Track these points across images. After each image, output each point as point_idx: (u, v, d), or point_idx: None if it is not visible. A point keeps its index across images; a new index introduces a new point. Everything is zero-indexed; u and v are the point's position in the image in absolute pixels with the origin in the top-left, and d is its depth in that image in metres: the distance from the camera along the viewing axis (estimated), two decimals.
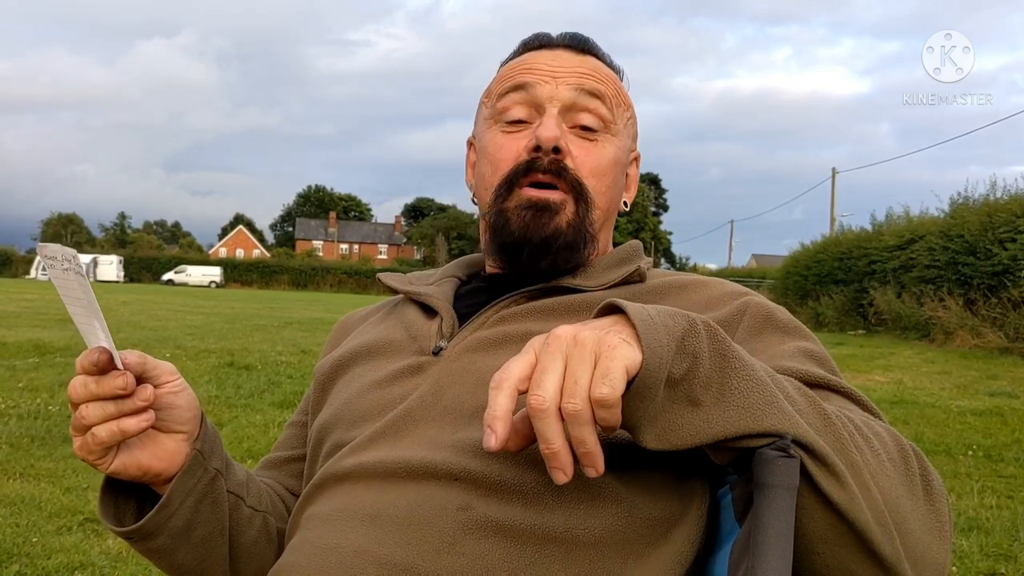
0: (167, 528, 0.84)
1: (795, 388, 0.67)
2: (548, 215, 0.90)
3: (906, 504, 0.68)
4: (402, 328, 0.96)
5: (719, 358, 0.63)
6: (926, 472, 0.71)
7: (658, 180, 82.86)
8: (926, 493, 0.70)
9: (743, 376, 0.63)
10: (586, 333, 0.61)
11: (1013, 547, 3.31)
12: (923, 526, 0.68)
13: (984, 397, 7.47)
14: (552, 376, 0.59)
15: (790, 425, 0.62)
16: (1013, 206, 13.42)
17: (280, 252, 77.22)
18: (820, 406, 0.67)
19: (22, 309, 15.06)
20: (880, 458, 0.67)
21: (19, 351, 8.27)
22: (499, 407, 0.60)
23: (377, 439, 0.84)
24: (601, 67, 0.97)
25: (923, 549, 0.68)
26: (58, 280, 0.75)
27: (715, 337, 0.64)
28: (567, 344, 0.60)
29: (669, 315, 0.64)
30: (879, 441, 0.69)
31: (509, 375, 0.61)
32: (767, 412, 0.62)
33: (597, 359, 0.59)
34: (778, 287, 24.19)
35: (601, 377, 0.58)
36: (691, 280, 0.94)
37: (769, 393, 0.63)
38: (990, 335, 12.25)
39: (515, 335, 0.87)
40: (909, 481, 0.69)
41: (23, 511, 3.41)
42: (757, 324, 0.85)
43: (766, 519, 0.65)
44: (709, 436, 0.62)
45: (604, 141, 0.94)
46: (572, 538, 0.74)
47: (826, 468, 0.63)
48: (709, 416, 0.62)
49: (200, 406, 0.85)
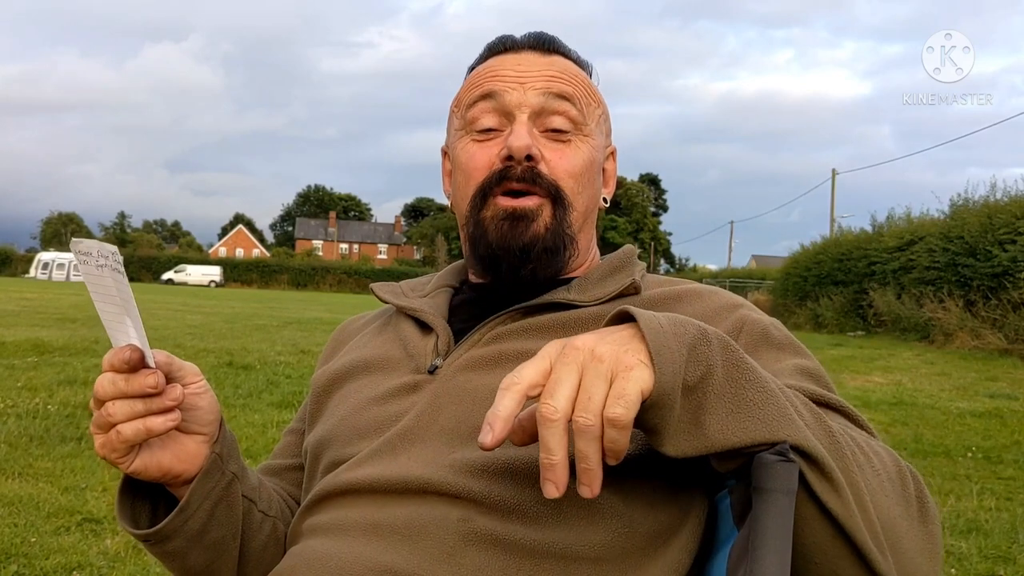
0: (184, 531, 0.84)
1: (803, 403, 0.68)
2: (525, 223, 0.90)
3: (902, 525, 0.69)
4: (399, 344, 0.96)
5: (732, 368, 0.64)
6: (922, 495, 0.72)
7: (658, 181, 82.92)
8: (921, 515, 0.71)
9: (757, 387, 0.64)
10: (604, 348, 0.61)
11: (1012, 549, 3.30)
12: (917, 547, 0.69)
13: (984, 399, 7.46)
14: (566, 388, 0.59)
15: (802, 437, 0.63)
16: (1013, 208, 13.43)
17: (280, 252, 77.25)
18: (826, 423, 0.67)
19: (21, 308, 15.06)
20: (880, 478, 0.68)
21: (18, 350, 8.26)
22: (504, 408, 0.60)
23: (375, 457, 0.84)
24: (569, 66, 0.96)
25: (915, 569, 0.69)
26: (91, 277, 0.74)
27: (727, 348, 0.65)
28: (584, 357, 0.60)
29: (680, 324, 0.64)
30: (879, 461, 0.70)
31: (521, 379, 0.61)
32: (781, 423, 0.63)
33: (613, 378, 0.59)
34: (778, 288, 24.19)
35: (616, 397, 0.59)
36: (685, 291, 0.93)
37: (781, 405, 0.64)
38: (990, 336, 12.25)
39: (510, 353, 0.87)
40: (906, 502, 0.70)
41: (21, 511, 3.40)
42: (754, 341, 0.86)
43: (765, 523, 0.65)
44: (725, 444, 0.63)
45: (577, 142, 0.93)
46: (571, 553, 0.75)
47: (825, 478, 0.64)
48: (725, 425, 0.62)
49: (221, 409, 0.85)
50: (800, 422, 0.64)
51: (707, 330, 0.65)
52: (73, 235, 24.25)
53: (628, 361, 0.60)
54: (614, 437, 0.59)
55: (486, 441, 0.60)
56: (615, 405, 0.58)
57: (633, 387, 0.59)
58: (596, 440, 0.59)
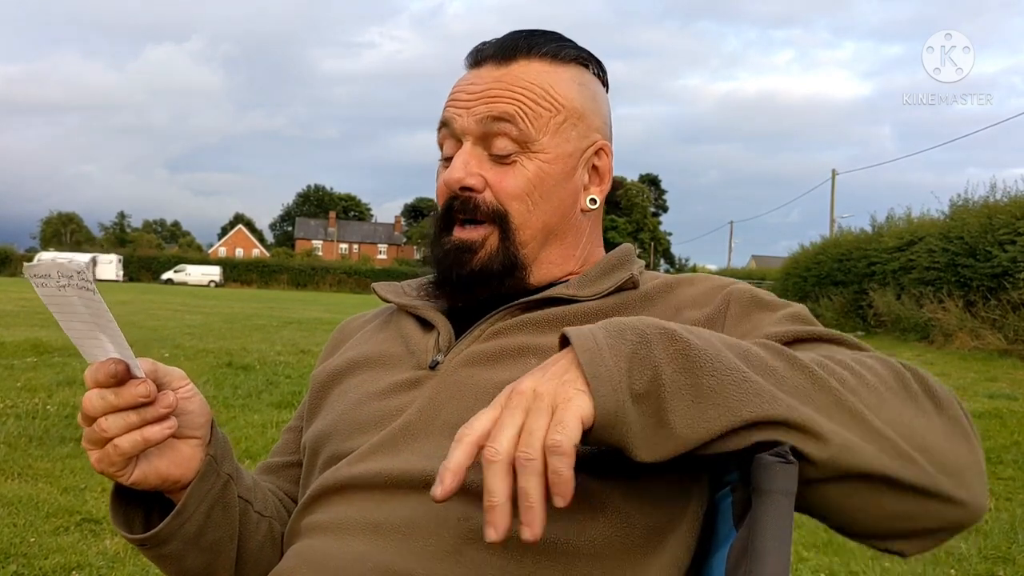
0: (180, 534, 0.84)
1: (773, 354, 0.68)
2: (469, 255, 0.93)
3: (919, 424, 0.68)
4: (400, 340, 0.97)
5: (682, 359, 0.64)
6: (927, 386, 0.71)
7: (658, 181, 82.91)
8: (935, 406, 0.70)
9: (711, 371, 0.64)
10: (544, 385, 0.64)
11: (1012, 550, 3.30)
12: (945, 437, 0.69)
13: (983, 399, 7.46)
14: (510, 430, 0.62)
15: (769, 408, 0.63)
16: (1013, 208, 13.42)
17: (280, 252, 77.23)
18: (801, 363, 0.67)
19: (20, 308, 15.05)
20: (878, 391, 0.68)
21: (17, 350, 8.26)
22: (454, 460, 0.63)
23: (376, 451, 0.84)
24: (520, 77, 0.92)
25: (954, 457, 0.69)
26: (52, 298, 0.71)
27: (672, 340, 0.65)
28: (528, 399, 0.63)
29: (618, 334, 0.66)
30: (873, 374, 0.69)
31: (472, 431, 0.64)
32: (743, 402, 0.63)
33: (554, 410, 0.62)
34: (777, 288, 24.19)
35: (555, 425, 0.61)
36: (678, 280, 0.94)
37: (741, 378, 0.64)
38: (989, 337, 12.25)
39: (510, 348, 0.87)
40: (914, 401, 0.69)
41: (20, 511, 3.40)
42: (744, 308, 0.86)
43: (765, 524, 0.65)
44: (694, 440, 0.63)
45: (523, 162, 0.92)
46: (571, 549, 0.75)
47: (808, 435, 0.64)
48: (691, 419, 0.63)
49: (211, 411, 0.85)
50: (768, 388, 0.64)
51: (646, 331, 0.66)
52: (73, 235, 23.91)
53: (566, 393, 0.63)
54: (557, 467, 0.60)
55: (436, 493, 0.63)
56: (554, 432, 0.61)
57: (571, 415, 0.61)
58: (538, 475, 0.60)
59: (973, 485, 0.69)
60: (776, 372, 0.66)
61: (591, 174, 0.98)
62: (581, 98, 0.95)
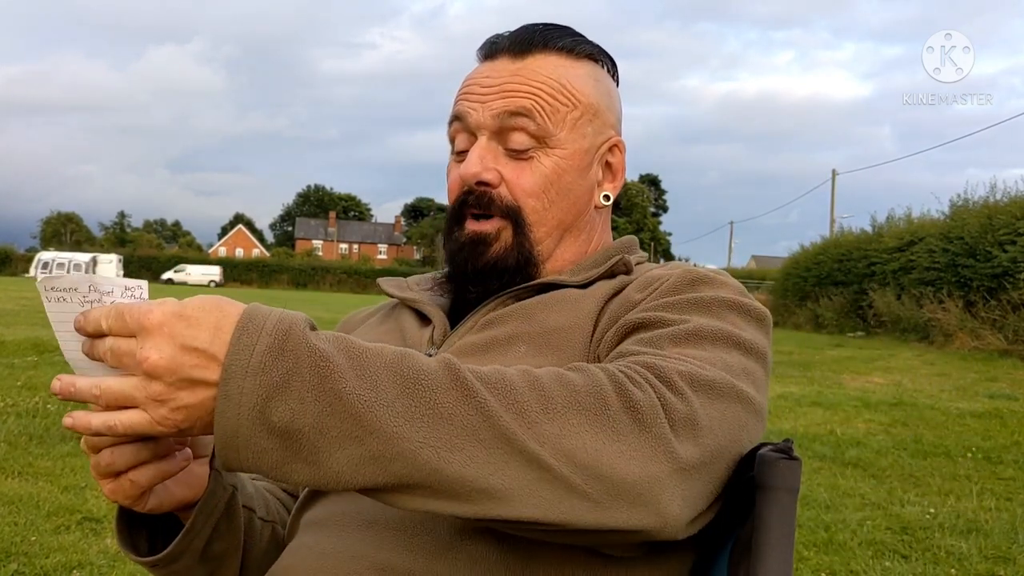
0: (189, 550, 0.84)
1: (446, 388, 0.62)
2: (484, 247, 0.92)
3: (609, 449, 0.63)
4: (398, 334, 0.97)
5: (318, 403, 0.60)
6: (629, 400, 0.65)
7: (658, 181, 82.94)
8: (636, 423, 0.64)
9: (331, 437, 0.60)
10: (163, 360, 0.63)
11: (1012, 549, 3.30)
12: (630, 458, 0.63)
13: (983, 399, 7.47)
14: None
15: (400, 469, 0.60)
16: (1013, 208, 13.44)
17: (280, 252, 77.19)
18: (475, 396, 0.62)
19: (20, 307, 15.05)
20: (563, 417, 0.63)
21: (18, 349, 8.27)
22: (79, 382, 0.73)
23: None
24: (537, 71, 0.92)
25: (635, 478, 0.63)
26: (65, 316, 0.65)
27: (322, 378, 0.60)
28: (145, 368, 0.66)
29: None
30: (567, 393, 0.64)
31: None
32: (360, 465, 0.61)
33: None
34: (777, 288, 24.19)
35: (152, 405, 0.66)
36: (661, 272, 0.89)
37: (363, 427, 0.60)
38: (989, 337, 12.26)
39: (501, 338, 0.87)
40: (608, 421, 0.63)
41: (21, 510, 3.40)
42: (672, 285, 0.84)
43: (768, 520, 0.66)
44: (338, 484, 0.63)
45: (539, 158, 0.92)
46: (567, 544, 0.73)
47: (444, 494, 0.61)
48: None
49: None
50: (405, 440, 0.59)
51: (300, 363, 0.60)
52: (73, 235, 23.38)
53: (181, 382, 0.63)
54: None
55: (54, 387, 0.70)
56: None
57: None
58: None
59: (659, 502, 0.63)
60: (440, 409, 0.60)
61: (605, 170, 0.98)
62: (596, 94, 0.95)
